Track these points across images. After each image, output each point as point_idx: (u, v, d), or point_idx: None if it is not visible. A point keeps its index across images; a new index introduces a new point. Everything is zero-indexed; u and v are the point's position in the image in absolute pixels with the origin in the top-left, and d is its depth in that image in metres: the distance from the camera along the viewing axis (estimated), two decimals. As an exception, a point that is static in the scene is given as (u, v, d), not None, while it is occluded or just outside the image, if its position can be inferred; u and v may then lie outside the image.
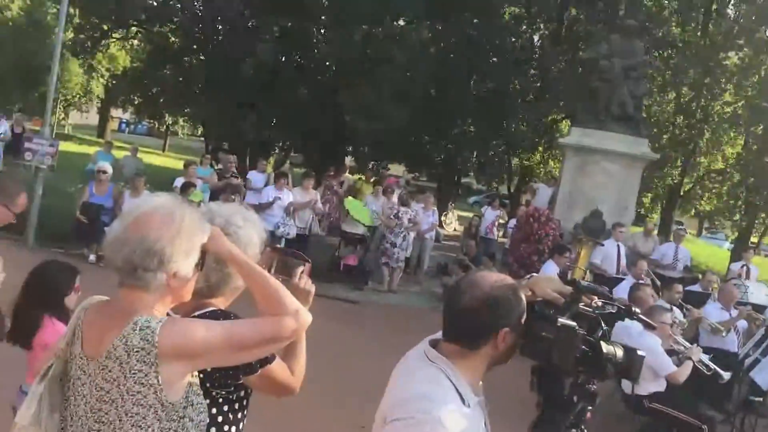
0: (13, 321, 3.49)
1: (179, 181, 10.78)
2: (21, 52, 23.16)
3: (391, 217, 11.71)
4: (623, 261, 10.93)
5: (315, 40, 13.83)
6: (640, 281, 8.21)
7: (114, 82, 23.51)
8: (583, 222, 15.16)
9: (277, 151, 18.42)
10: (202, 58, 15.99)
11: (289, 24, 14.59)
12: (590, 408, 2.06)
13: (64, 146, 22.06)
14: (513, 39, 20.94)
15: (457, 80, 18.72)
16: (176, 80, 16.74)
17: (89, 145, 26.32)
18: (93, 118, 36.31)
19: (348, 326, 9.20)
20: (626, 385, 5.86)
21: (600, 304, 2.14)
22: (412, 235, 12.10)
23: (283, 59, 14.81)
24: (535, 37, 22.30)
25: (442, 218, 23.84)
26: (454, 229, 22.54)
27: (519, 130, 23.89)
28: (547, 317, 1.97)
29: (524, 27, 21.80)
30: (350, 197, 12.54)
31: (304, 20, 14.37)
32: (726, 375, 6.06)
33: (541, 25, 22.55)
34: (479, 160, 24.57)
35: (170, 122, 29.19)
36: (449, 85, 18.93)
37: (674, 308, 7.28)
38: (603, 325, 2.06)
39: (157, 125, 30.71)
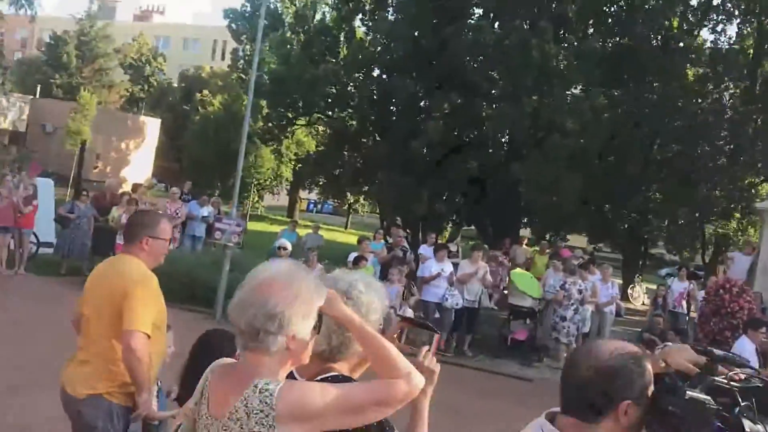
0: (180, 387, 3.72)
1: (352, 256, 11.18)
2: (220, 142, 25.65)
3: (558, 288, 11.24)
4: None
5: (484, 114, 13.96)
6: None
7: (300, 165, 25.20)
8: (787, 294, 13.65)
9: (450, 225, 18.55)
10: (378, 138, 16.70)
11: (459, 101, 14.90)
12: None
13: (257, 226, 23.91)
14: (699, 100, 19.82)
15: (637, 146, 17.94)
16: (355, 161, 17.60)
17: (279, 224, 28.21)
18: (284, 200, 39.07)
19: (523, 404, 8.81)
20: None
21: (743, 377, 1.86)
22: (589, 308, 11.51)
23: (455, 133, 15.07)
24: (725, 96, 20.87)
25: (629, 291, 22.53)
26: (642, 303, 21.16)
27: (711, 195, 22.31)
28: (676, 390, 1.75)
29: (710, 87, 20.57)
30: (518, 269, 12.23)
31: (472, 96, 14.62)
32: None
33: (730, 84, 21.17)
34: (668, 228, 23.15)
35: (351, 201, 30.58)
36: (628, 151, 18.20)
37: None
38: (741, 400, 1.79)
39: (340, 204, 32.20)
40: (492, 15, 14.62)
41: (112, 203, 12.89)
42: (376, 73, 16.13)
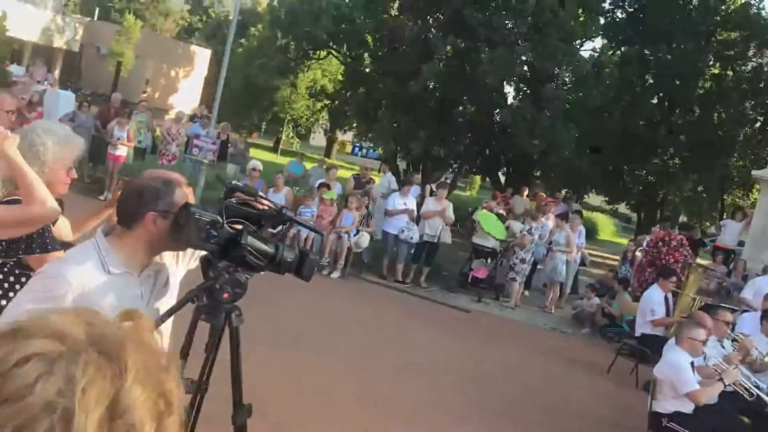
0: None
1: (318, 182, 11.78)
2: (249, 75, 26.22)
3: (524, 233, 11.58)
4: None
5: (482, 58, 14.08)
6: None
7: (332, 104, 25.52)
8: (774, 262, 13.64)
9: (454, 169, 18.83)
10: (384, 78, 16.97)
11: (462, 44, 15.02)
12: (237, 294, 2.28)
13: (284, 160, 24.47)
14: (722, 65, 19.30)
15: (648, 107, 17.75)
16: (362, 99, 17.97)
17: (311, 161, 28.92)
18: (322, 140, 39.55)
19: (454, 333, 9.32)
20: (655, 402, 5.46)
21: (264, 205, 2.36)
22: (562, 256, 11.79)
23: (454, 77, 15.24)
24: (753, 63, 20.24)
25: (637, 253, 22.51)
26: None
27: (731, 164, 21.92)
28: (185, 206, 2.24)
29: (736, 51, 19.88)
30: (484, 210, 12.57)
31: (473, 40, 14.72)
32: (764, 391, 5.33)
33: (763, 51, 20.47)
34: (686, 195, 22.87)
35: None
36: (639, 110, 18.03)
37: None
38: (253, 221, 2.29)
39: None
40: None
41: (115, 116, 13.66)
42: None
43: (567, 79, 14.10)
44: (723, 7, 18.77)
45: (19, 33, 31.02)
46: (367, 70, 18.69)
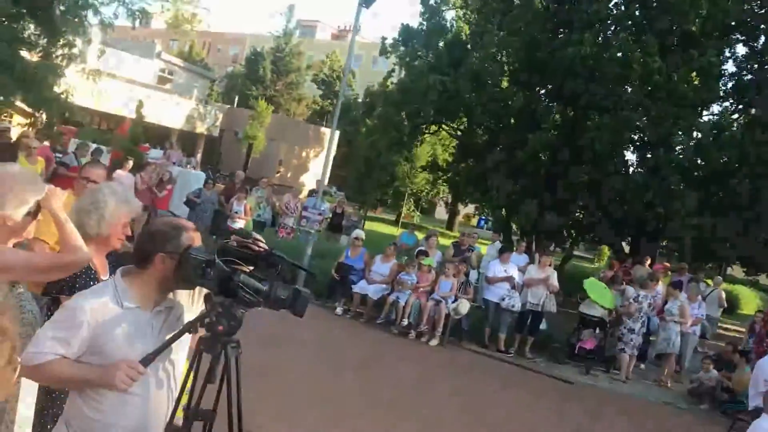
0: None
1: (417, 250, 12.03)
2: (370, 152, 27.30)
3: (630, 300, 11.12)
4: None
5: (588, 125, 13.98)
6: None
7: (445, 175, 25.89)
8: None
9: (572, 238, 18.43)
10: (494, 148, 17.16)
11: (570, 113, 14.99)
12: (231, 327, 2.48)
13: (399, 231, 24.95)
14: None
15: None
16: (473, 169, 18.19)
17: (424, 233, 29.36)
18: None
19: (555, 405, 9.02)
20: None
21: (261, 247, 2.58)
22: (676, 327, 11.20)
23: (562, 145, 15.18)
24: None
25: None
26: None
27: None
28: (186, 248, 2.52)
29: None
30: (591, 278, 12.20)
31: (579, 108, 14.65)
32: None
33: None
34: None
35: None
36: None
37: None
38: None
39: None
40: (598, 26, 14.50)
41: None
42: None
43: (683, 144, 13.63)
44: None
45: (164, 121, 34.11)
46: (479, 141, 18.94)
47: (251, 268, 2.55)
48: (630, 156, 16.52)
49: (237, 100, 45.75)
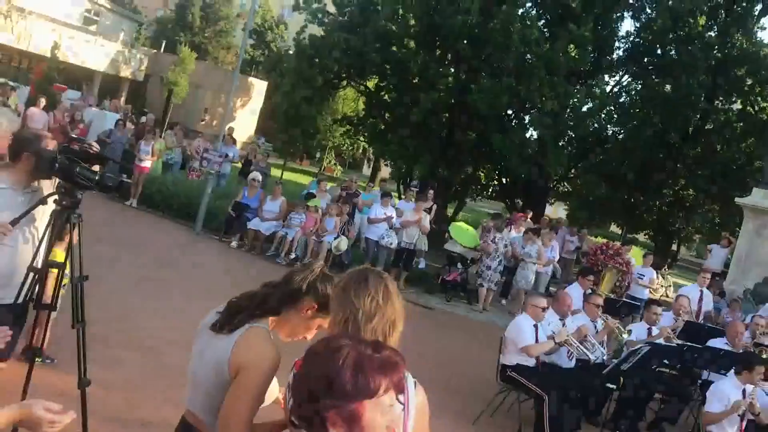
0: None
1: (305, 192, 13.41)
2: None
3: (488, 242, 12.80)
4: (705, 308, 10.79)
5: (472, 88, 15.49)
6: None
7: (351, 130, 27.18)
8: (754, 288, 14.52)
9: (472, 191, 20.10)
10: (395, 105, 18.54)
11: (462, 75, 16.45)
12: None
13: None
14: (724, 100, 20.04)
15: (648, 139, 18.67)
16: (378, 128, 19.61)
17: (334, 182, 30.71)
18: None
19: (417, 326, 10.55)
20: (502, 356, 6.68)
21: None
22: (532, 266, 12.93)
23: (452, 105, 16.66)
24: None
25: (659, 280, 22.93)
26: (662, 296, 21.67)
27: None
28: (39, 149, 3.77)
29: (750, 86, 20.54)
30: (459, 222, 13.86)
31: (469, 71, 16.13)
32: (592, 356, 6.51)
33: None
34: (700, 226, 23.38)
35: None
36: (639, 141, 18.94)
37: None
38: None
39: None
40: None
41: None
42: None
43: (552, 108, 15.27)
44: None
45: (88, 63, 34.05)
46: (388, 98, 20.23)
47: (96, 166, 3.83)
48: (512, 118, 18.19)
49: (164, 46, 45.57)
